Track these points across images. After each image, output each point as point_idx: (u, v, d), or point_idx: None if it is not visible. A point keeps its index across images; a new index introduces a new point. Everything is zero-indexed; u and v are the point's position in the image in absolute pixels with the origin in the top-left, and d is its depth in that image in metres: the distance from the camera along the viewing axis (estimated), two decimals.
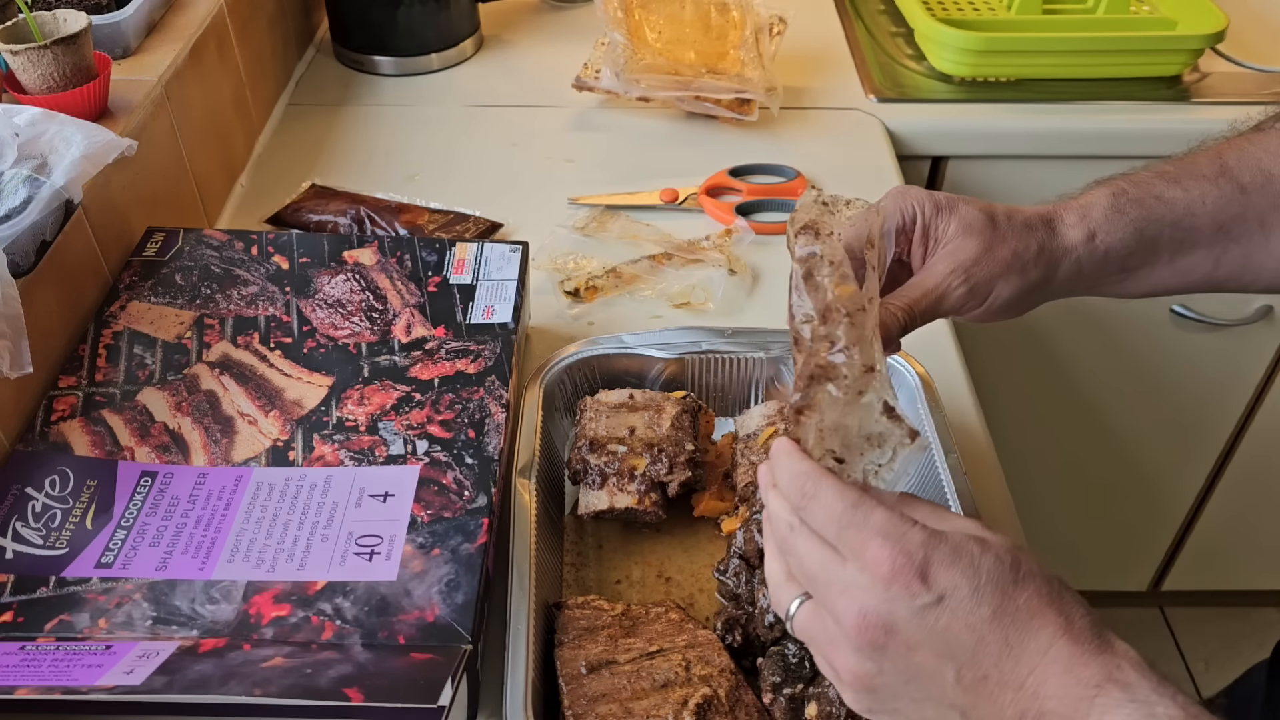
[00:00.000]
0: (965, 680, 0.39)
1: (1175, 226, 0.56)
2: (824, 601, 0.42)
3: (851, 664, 0.41)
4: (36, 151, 0.69)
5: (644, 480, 0.65)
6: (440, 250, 0.79)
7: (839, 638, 0.41)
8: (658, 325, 0.84)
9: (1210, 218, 0.56)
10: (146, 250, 0.78)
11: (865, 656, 0.40)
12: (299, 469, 0.63)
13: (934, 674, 0.39)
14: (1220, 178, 0.56)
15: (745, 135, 1.08)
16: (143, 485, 0.62)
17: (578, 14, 1.32)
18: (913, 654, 0.40)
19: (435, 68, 1.20)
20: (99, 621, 0.54)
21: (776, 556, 0.45)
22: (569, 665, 0.56)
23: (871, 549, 0.40)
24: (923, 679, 0.40)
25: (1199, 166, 0.57)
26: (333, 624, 0.54)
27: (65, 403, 0.66)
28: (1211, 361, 1.30)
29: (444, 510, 0.60)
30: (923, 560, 0.39)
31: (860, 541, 0.40)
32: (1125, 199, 0.56)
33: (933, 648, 0.39)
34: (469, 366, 0.70)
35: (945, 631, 0.39)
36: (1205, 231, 0.56)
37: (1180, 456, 1.43)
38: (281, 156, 1.06)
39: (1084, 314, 1.28)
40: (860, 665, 0.41)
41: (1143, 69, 1.14)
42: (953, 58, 1.14)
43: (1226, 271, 0.58)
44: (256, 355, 0.71)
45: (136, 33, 0.86)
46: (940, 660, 0.39)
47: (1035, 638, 0.39)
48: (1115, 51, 1.13)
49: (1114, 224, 0.55)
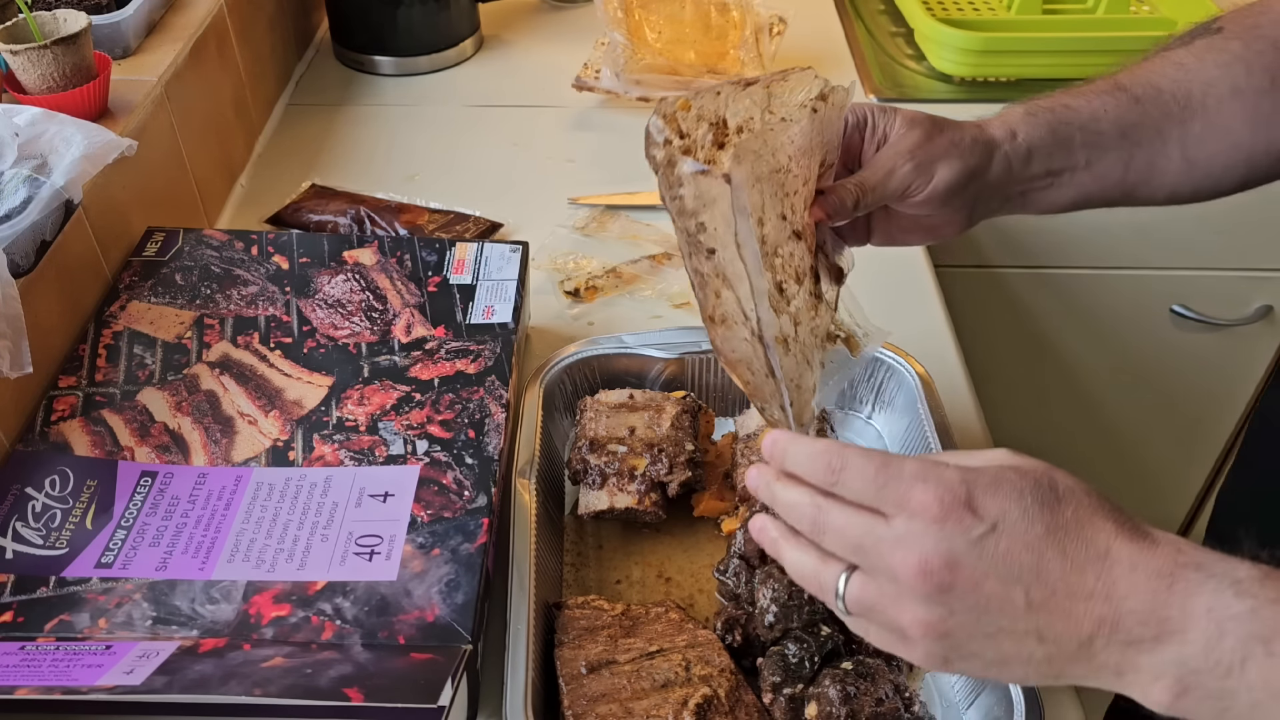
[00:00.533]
0: (1035, 600, 0.39)
1: (1084, 130, 0.61)
2: (875, 566, 0.42)
3: (921, 615, 0.41)
4: (36, 151, 0.69)
5: (644, 480, 0.65)
6: (440, 250, 0.79)
7: (901, 594, 0.41)
8: (658, 325, 0.84)
9: (1113, 123, 0.62)
10: (146, 250, 0.78)
11: (935, 602, 0.40)
12: (299, 469, 0.63)
13: (1004, 601, 0.40)
14: (1116, 90, 0.62)
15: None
16: (143, 485, 0.62)
17: (578, 14, 1.32)
18: (980, 586, 0.40)
19: (435, 68, 1.20)
20: (99, 621, 0.54)
21: (802, 547, 0.45)
22: (569, 665, 0.56)
23: (916, 495, 0.40)
24: (994, 610, 0.40)
25: (1096, 85, 0.63)
26: (333, 624, 0.54)
27: (65, 403, 0.66)
28: (1211, 361, 1.30)
29: (444, 510, 0.60)
30: (967, 494, 0.40)
31: (902, 493, 0.41)
32: (1036, 107, 0.62)
33: (998, 574, 0.39)
34: (469, 366, 0.70)
35: (1006, 555, 0.39)
36: (1111, 136, 0.62)
37: (1181, 456, 1.43)
38: (281, 156, 1.06)
39: (1084, 314, 1.28)
40: (931, 613, 0.40)
41: None
42: (953, 58, 1.14)
43: (1136, 176, 0.64)
44: (256, 355, 0.71)
45: (136, 33, 0.86)
46: (1007, 585, 0.39)
47: (1092, 545, 0.39)
48: (1115, 51, 1.13)
49: (1030, 125, 0.61)
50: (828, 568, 0.44)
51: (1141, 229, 1.20)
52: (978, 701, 0.57)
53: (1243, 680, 0.36)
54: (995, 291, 1.26)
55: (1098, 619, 0.39)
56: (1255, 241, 1.20)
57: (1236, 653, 0.37)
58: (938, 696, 0.59)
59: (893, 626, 0.42)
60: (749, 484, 0.47)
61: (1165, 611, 0.38)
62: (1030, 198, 0.63)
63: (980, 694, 0.57)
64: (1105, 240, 1.21)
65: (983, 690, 0.57)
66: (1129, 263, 1.23)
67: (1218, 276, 1.24)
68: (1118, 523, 0.40)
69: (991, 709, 0.55)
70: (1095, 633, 0.39)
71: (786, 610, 0.56)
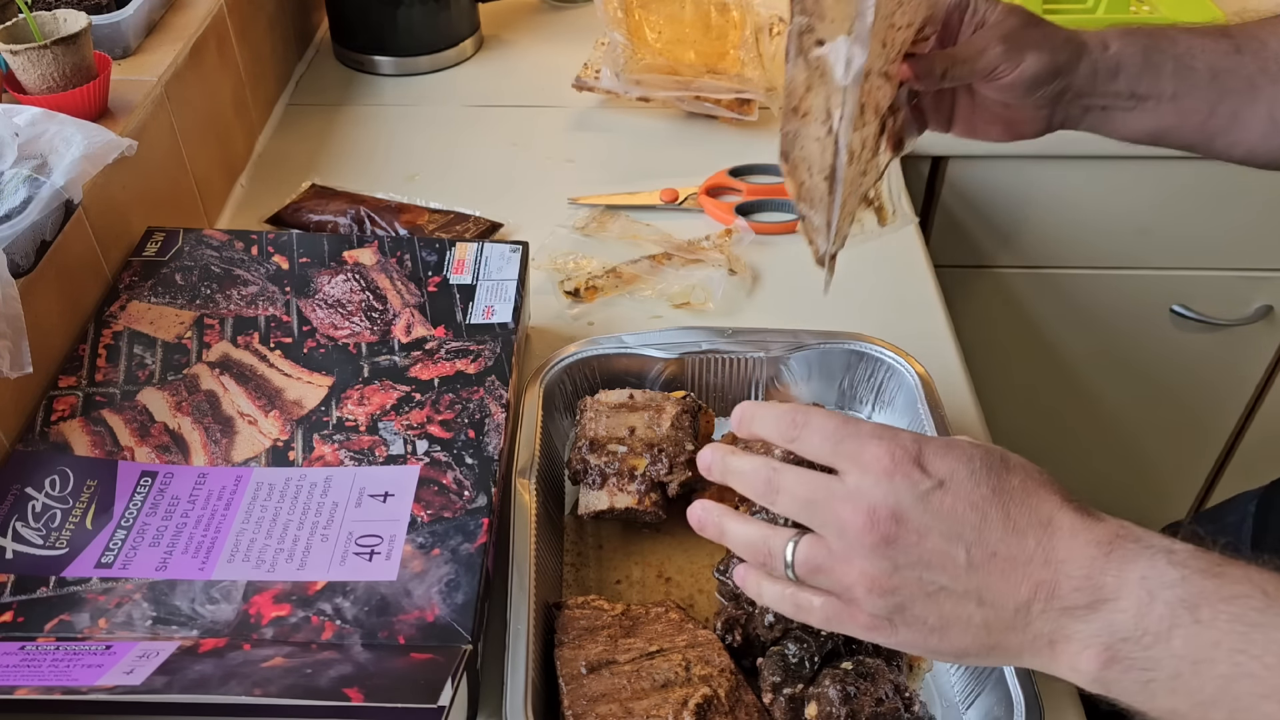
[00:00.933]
0: (975, 559, 0.40)
1: (1177, 61, 0.62)
2: (824, 522, 0.43)
3: (867, 568, 0.42)
4: (36, 151, 0.69)
5: (644, 480, 0.65)
6: (440, 250, 0.79)
7: (848, 549, 0.42)
8: (658, 325, 0.84)
9: (1208, 64, 0.62)
10: (146, 250, 0.78)
11: (879, 555, 0.41)
12: (299, 469, 0.63)
13: (946, 557, 0.40)
14: (1221, 36, 0.63)
15: (745, 135, 1.08)
16: (143, 485, 0.62)
17: (578, 14, 1.32)
18: (923, 541, 0.41)
19: (435, 68, 1.20)
20: (99, 621, 0.54)
21: (748, 520, 0.47)
22: (569, 665, 0.56)
23: (869, 450, 0.42)
24: (936, 566, 0.41)
25: (1204, 27, 0.64)
26: (333, 624, 0.54)
27: (65, 403, 0.66)
28: (1211, 361, 1.30)
29: (444, 510, 0.60)
30: (917, 452, 0.42)
31: (856, 448, 0.42)
32: (1137, 29, 0.63)
33: (940, 531, 0.40)
34: (469, 366, 0.70)
35: (950, 512, 0.40)
36: (1203, 74, 0.62)
37: (1181, 456, 1.43)
38: (281, 156, 1.06)
39: (1084, 314, 1.28)
40: (875, 566, 0.41)
41: None
42: None
43: (1219, 123, 0.63)
44: (256, 355, 0.71)
45: (136, 33, 0.86)
46: (950, 542, 0.40)
47: (1036, 511, 0.40)
48: None
49: (1124, 42, 0.62)
50: (777, 534, 0.45)
51: (1141, 229, 1.20)
52: (978, 701, 0.57)
53: (1168, 649, 0.37)
54: (995, 291, 1.26)
55: (1036, 583, 0.39)
56: (1255, 241, 1.20)
57: (1165, 620, 0.37)
58: (938, 696, 0.59)
59: (840, 586, 0.43)
60: (701, 463, 0.49)
61: (1101, 578, 0.38)
62: (1112, 115, 0.64)
63: (980, 694, 0.57)
64: (1105, 240, 1.21)
65: (983, 690, 0.57)
66: (1129, 263, 1.23)
67: (1218, 276, 1.24)
68: (1063, 496, 0.41)
69: (991, 709, 0.55)
70: (1033, 597, 0.39)
71: None
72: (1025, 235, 1.20)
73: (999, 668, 0.55)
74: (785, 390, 0.74)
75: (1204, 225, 1.19)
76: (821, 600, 0.44)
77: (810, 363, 0.73)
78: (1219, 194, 1.16)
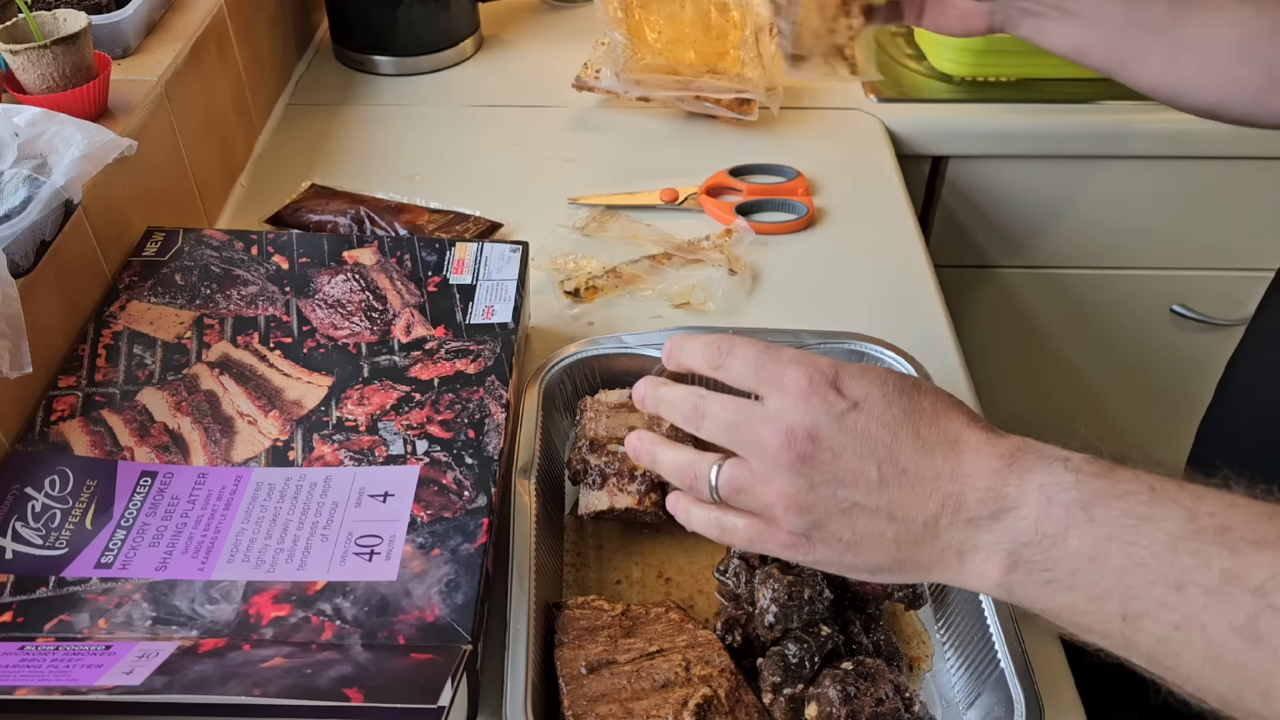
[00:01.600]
0: (886, 476, 0.42)
1: None
2: (746, 442, 0.45)
3: (785, 486, 0.44)
4: (36, 151, 0.69)
5: (644, 480, 0.65)
6: (440, 250, 0.79)
7: (768, 469, 0.44)
8: (658, 325, 0.84)
9: None
10: (146, 250, 0.78)
11: (796, 473, 0.43)
12: (299, 469, 0.63)
13: (859, 475, 0.43)
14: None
15: (745, 135, 1.08)
16: (142, 485, 0.62)
17: (578, 14, 1.32)
18: (838, 459, 0.43)
19: (435, 67, 1.20)
20: (99, 622, 0.54)
21: (677, 446, 0.49)
22: (569, 665, 0.56)
23: (789, 374, 0.44)
24: (849, 482, 0.43)
25: None
26: (332, 624, 0.54)
27: (65, 403, 0.66)
28: (1211, 361, 1.30)
29: (444, 510, 0.60)
30: (834, 375, 0.44)
31: (777, 372, 0.45)
32: None
33: (854, 449, 0.43)
34: (469, 366, 0.70)
35: (864, 432, 0.43)
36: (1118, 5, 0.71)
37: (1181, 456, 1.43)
38: (281, 156, 1.06)
39: (1084, 314, 1.28)
40: (793, 484, 0.43)
41: None
42: (953, 57, 1.14)
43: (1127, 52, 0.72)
44: (256, 355, 0.71)
45: (136, 32, 0.86)
46: (862, 460, 0.43)
47: (944, 430, 0.43)
48: None
49: None
50: (703, 458, 0.47)
51: (1141, 229, 1.20)
52: (978, 701, 0.57)
53: (1066, 548, 0.39)
54: (995, 291, 1.26)
55: (943, 497, 0.41)
56: (1255, 241, 1.20)
57: (1062, 521, 0.39)
58: (938, 697, 0.59)
59: (761, 505, 0.45)
60: (635, 395, 0.51)
61: (1003, 489, 0.40)
62: (1044, 24, 0.73)
63: (980, 694, 0.57)
64: (1105, 240, 1.21)
65: (983, 690, 0.57)
66: (1129, 263, 1.23)
67: (1218, 276, 1.24)
68: (970, 417, 0.44)
69: (992, 709, 0.55)
70: (940, 511, 0.42)
71: (786, 610, 0.56)
72: (1025, 235, 1.20)
73: (999, 668, 0.55)
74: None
75: (1204, 225, 1.19)
76: (745, 521, 0.47)
77: None
78: (1219, 194, 1.16)
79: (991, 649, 0.56)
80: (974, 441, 0.42)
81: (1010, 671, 0.54)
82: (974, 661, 0.58)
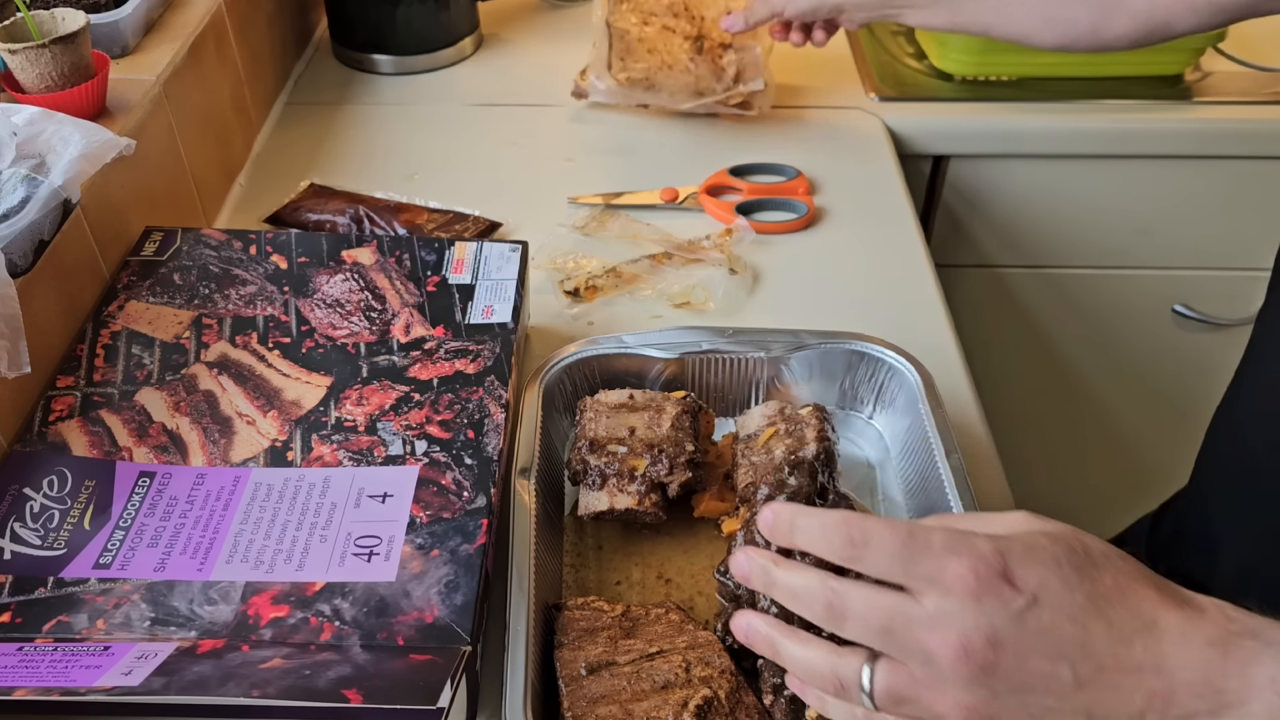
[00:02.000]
0: (1082, 677, 0.38)
1: None
2: (907, 649, 0.39)
3: (964, 699, 0.38)
4: (35, 151, 0.68)
5: (644, 481, 0.65)
6: (439, 250, 0.78)
7: (939, 679, 0.38)
8: (658, 325, 0.84)
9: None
10: (145, 250, 0.77)
11: (978, 684, 0.38)
12: (297, 469, 0.63)
13: (1050, 678, 0.38)
14: None
15: (745, 134, 1.08)
16: (141, 485, 0.62)
17: (578, 13, 1.32)
18: (1025, 664, 0.38)
19: (434, 66, 1.20)
20: (97, 622, 0.54)
21: (809, 642, 0.42)
22: (569, 666, 0.56)
23: (950, 569, 0.38)
24: (1040, 689, 0.38)
25: None
26: (331, 625, 0.54)
27: (63, 403, 0.66)
28: (1212, 361, 1.30)
29: (443, 511, 0.60)
30: (1002, 565, 0.38)
31: (935, 567, 0.38)
32: None
33: (1042, 651, 0.38)
34: (468, 366, 0.70)
35: (1050, 630, 0.38)
36: None
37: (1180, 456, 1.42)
38: (280, 156, 1.06)
39: (1084, 314, 1.28)
40: (974, 696, 0.38)
41: (1144, 67, 1.14)
42: (954, 56, 1.14)
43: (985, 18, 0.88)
44: (255, 355, 0.70)
45: (135, 32, 0.86)
46: (1053, 662, 0.38)
47: (1138, 614, 0.38)
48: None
49: None
50: (846, 660, 0.41)
51: (1142, 229, 1.20)
52: None
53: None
54: (996, 291, 1.26)
55: (1150, 692, 0.37)
56: (1256, 241, 1.20)
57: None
58: None
59: (929, 715, 0.39)
60: (737, 571, 0.44)
61: (1222, 683, 0.36)
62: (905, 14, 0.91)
63: None
64: (1106, 240, 1.21)
65: None
66: (1129, 263, 1.23)
67: (1218, 276, 1.24)
68: (1160, 589, 0.39)
69: None
70: (1147, 707, 0.37)
71: (786, 611, 0.56)
72: (1025, 235, 1.20)
73: None
74: (786, 390, 0.74)
75: (1205, 225, 1.19)
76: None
77: (811, 363, 0.73)
78: (1219, 194, 1.16)
79: None
80: (1176, 625, 0.38)
81: None
82: None
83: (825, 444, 0.65)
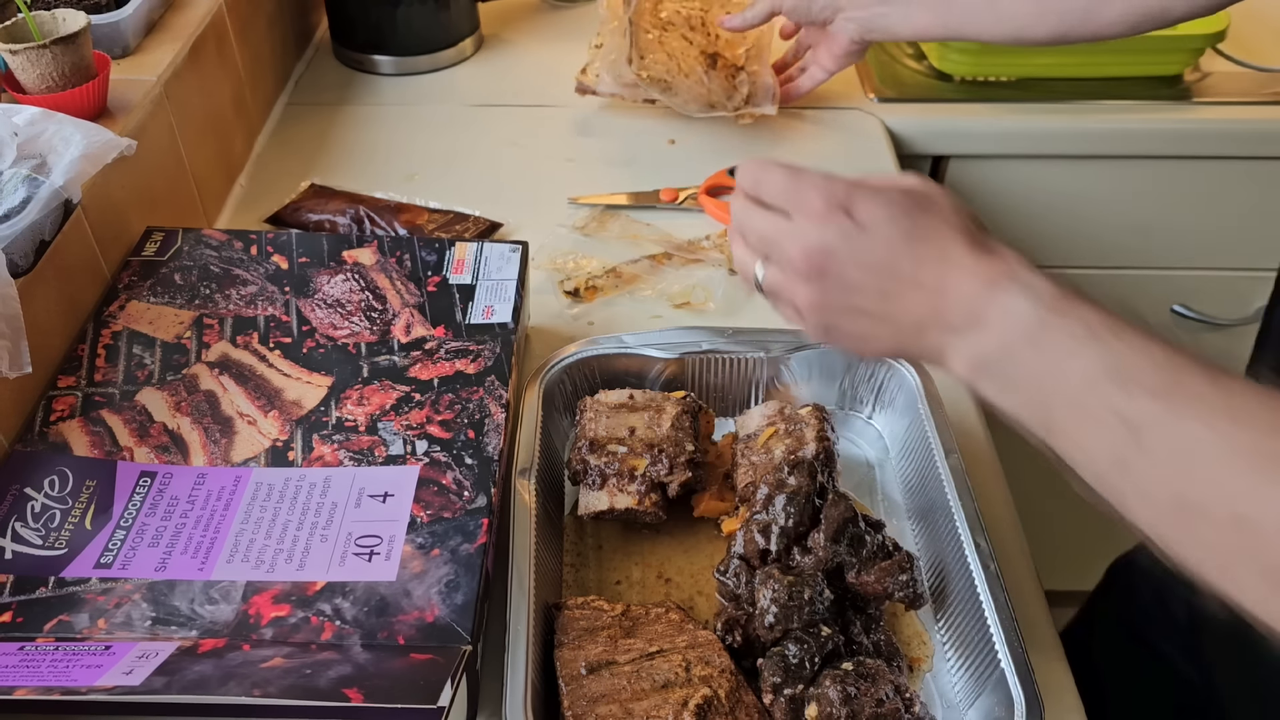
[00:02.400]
0: (885, 289, 0.50)
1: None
2: (778, 256, 0.52)
3: (805, 293, 0.51)
4: (35, 151, 0.69)
5: (644, 481, 0.65)
6: (440, 250, 0.79)
7: (793, 277, 0.52)
8: (658, 325, 0.84)
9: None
10: (145, 250, 0.78)
11: (814, 283, 0.51)
12: (298, 469, 0.63)
13: (864, 286, 0.50)
14: None
15: (745, 135, 1.08)
16: (142, 485, 0.62)
17: (578, 14, 1.32)
18: (846, 271, 0.50)
19: (435, 67, 1.20)
20: (98, 622, 0.54)
21: (739, 245, 0.56)
22: (569, 666, 0.56)
23: (809, 198, 0.51)
24: (855, 292, 0.50)
25: None
26: (332, 624, 0.54)
27: (64, 403, 0.66)
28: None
29: (444, 511, 0.60)
30: (848, 200, 0.50)
31: (800, 196, 0.51)
32: None
33: (860, 264, 0.50)
34: (468, 366, 0.70)
35: (868, 250, 0.50)
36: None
37: None
38: (281, 156, 1.06)
39: None
40: (811, 292, 0.51)
41: (1144, 68, 1.14)
42: (953, 57, 1.14)
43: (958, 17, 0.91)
44: (256, 355, 0.70)
45: (136, 32, 0.86)
46: (866, 273, 0.50)
47: (939, 249, 0.49)
48: (1116, 50, 1.13)
49: None
50: (749, 259, 0.55)
51: (1142, 229, 1.20)
52: (978, 702, 0.57)
53: (1014, 365, 0.46)
54: None
55: (930, 307, 0.49)
56: (1256, 241, 1.20)
57: (1014, 345, 0.46)
58: (938, 697, 0.59)
59: (791, 304, 0.53)
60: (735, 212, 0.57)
61: (979, 308, 0.47)
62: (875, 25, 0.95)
63: (981, 695, 0.57)
64: (1106, 240, 1.21)
65: (983, 691, 0.56)
66: (1129, 263, 1.23)
67: (1218, 276, 1.24)
68: (968, 235, 0.49)
69: (992, 709, 0.55)
70: (926, 317, 0.49)
71: (786, 611, 0.56)
72: (1025, 235, 1.20)
73: (999, 669, 0.55)
74: (786, 390, 0.74)
75: (1204, 225, 1.19)
76: (784, 309, 0.54)
77: (811, 363, 0.73)
78: (1219, 194, 1.16)
79: (992, 649, 0.56)
80: (965, 262, 0.48)
81: (1010, 672, 0.54)
82: (974, 662, 0.58)
83: (825, 444, 0.65)
